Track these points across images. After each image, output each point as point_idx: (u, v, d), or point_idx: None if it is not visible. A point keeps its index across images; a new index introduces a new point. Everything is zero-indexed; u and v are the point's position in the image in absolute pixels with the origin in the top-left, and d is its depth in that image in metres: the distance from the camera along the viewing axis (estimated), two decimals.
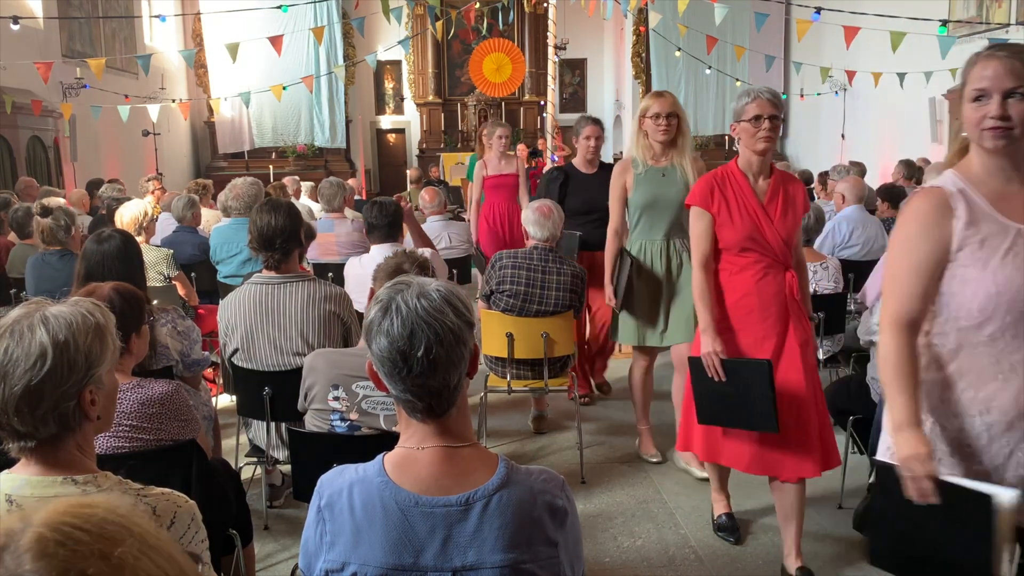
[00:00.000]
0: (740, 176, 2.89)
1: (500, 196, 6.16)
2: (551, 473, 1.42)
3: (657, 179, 3.72)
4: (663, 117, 3.65)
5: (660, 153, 3.72)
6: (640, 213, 3.77)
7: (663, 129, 3.65)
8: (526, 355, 3.93)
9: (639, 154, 3.74)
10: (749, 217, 2.84)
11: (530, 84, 17.37)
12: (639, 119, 3.73)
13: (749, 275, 2.88)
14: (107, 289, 2.41)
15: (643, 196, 3.73)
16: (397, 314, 1.32)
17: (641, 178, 3.73)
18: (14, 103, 8.35)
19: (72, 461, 1.49)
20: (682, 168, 3.71)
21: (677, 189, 3.67)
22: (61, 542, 0.70)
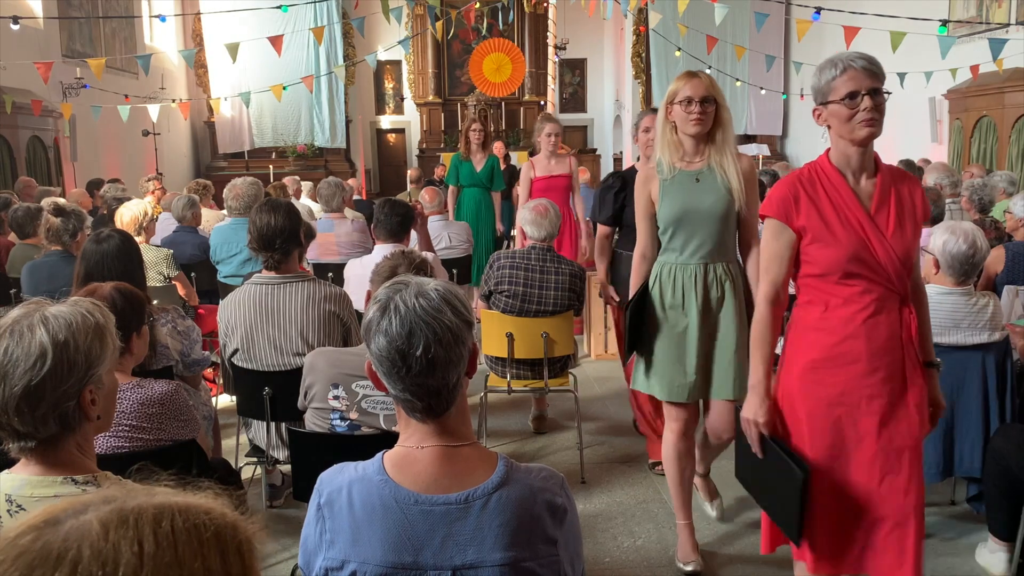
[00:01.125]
0: (835, 176, 2.21)
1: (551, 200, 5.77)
2: (551, 471, 1.42)
3: (689, 185, 2.87)
4: (696, 103, 2.79)
5: (692, 151, 2.90)
6: (670, 229, 2.91)
7: (697, 119, 2.79)
8: (526, 355, 3.93)
9: (665, 154, 2.91)
10: (854, 231, 2.15)
11: (530, 84, 17.36)
12: (665, 108, 2.90)
13: (854, 311, 2.17)
14: (108, 289, 2.41)
15: (672, 208, 2.87)
16: (396, 313, 1.32)
17: (669, 185, 2.89)
18: (14, 103, 8.34)
19: (72, 461, 1.49)
20: (722, 170, 2.86)
21: (716, 197, 2.84)
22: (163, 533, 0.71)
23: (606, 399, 5.03)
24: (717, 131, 2.87)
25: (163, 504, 0.74)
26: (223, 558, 0.73)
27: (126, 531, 0.70)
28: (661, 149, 2.93)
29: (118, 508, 0.72)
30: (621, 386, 5.19)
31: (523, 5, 16.80)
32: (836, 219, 2.17)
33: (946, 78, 8.56)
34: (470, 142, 6.86)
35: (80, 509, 0.72)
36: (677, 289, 2.90)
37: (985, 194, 5.24)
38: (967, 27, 9.26)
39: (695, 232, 2.87)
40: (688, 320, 2.89)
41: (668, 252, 2.95)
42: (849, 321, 2.18)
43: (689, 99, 2.82)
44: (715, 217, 2.85)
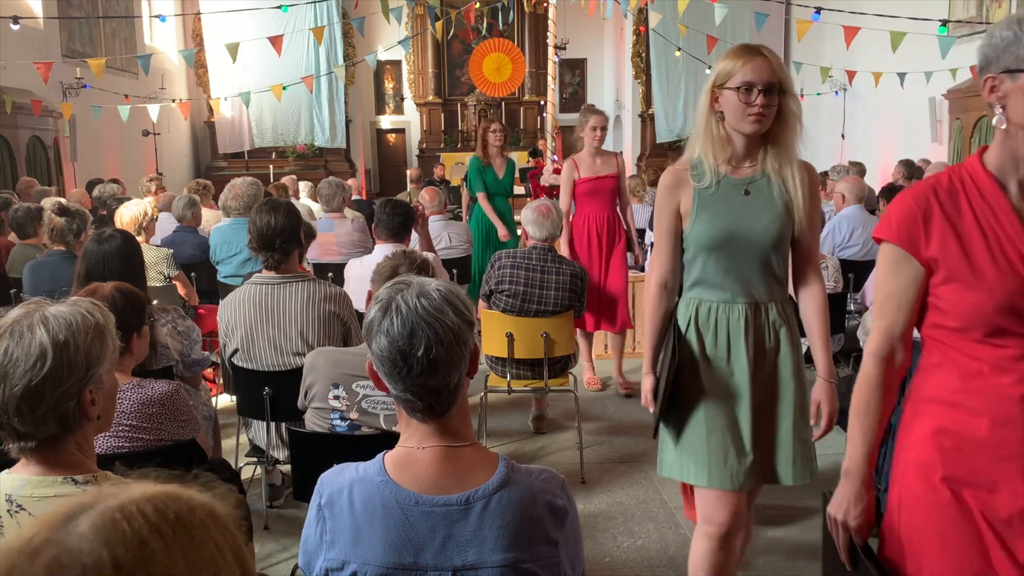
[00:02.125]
0: (990, 187, 1.51)
1: (595, 205, 4.88)
2: (551, 472, 1.42)
3: (736, 198, 2.19)
4: (759, 92, 2.08)
5: (744, 153, 2.20)
6: (704, 256, 2.22)
7: (758, 114, 2.08)
8: (526, 355, 3.93)
9: (708, 154, 2.19)
10: (1011, 269, 1.46)
11: (530, 84, 17.37)
12: (710, 93, 2.17)
13: (1006, 384, 1.47)
14: (109, 289, 2.41)
15: (713, 227, 2.19)
16: (397, 314, 1.32)
17: (709, 196, 2.19)
18: (14, 103, 8.34)
19: (72, 461, 1.49)
20: (780, 180, 2.18)
21: (772, 217, 2.17)
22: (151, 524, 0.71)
23: (606, 399, 5.03)
24: (780, 128, 2.16)
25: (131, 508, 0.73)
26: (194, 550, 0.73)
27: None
28: (703, 146, 2.19)
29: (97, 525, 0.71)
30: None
31: (523, 5, 16.81)
32: (985, 249, 1.49)
33: (946, 78, 8.56)
34: (488, 145, 6.31)
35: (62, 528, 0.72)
36: (720, 336, 2.23)
37: None
38: (967, 27, 9.26)
39: (741, 261, 2.20)
40: (736, 378, 2.22)
41: (703, 286, 2.26)
42: (998, 398, 1.47)
43: (749, 86, 2.08)
44: (768, 243, 2.18)
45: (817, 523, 3.24)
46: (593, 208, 4.88)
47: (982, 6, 9.26)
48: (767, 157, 2.20)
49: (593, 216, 4.89)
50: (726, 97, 2.15)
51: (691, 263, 2.28)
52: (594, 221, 4.89)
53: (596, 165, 4.86)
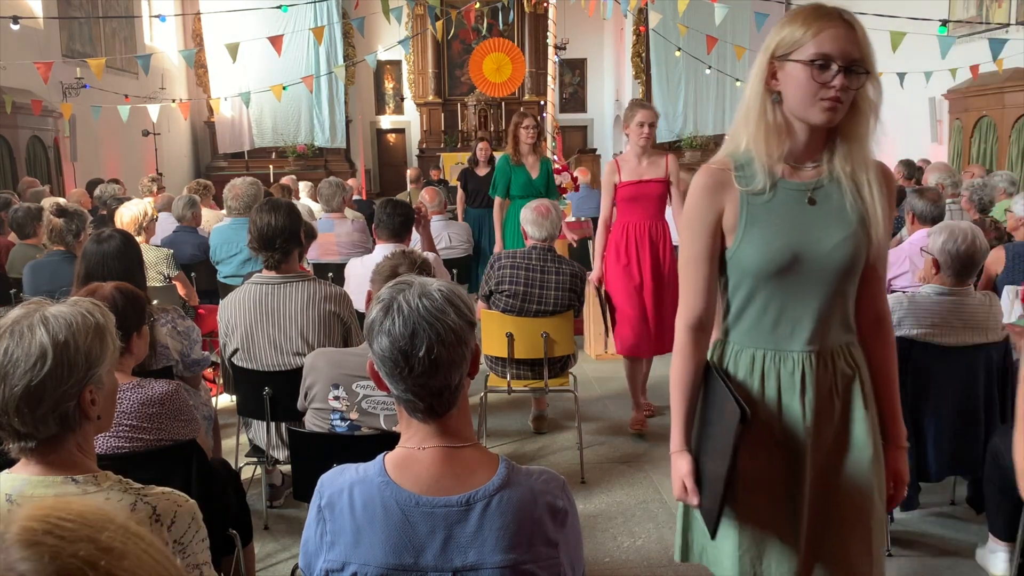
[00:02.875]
0: None
1: (638, 212, 4.30)
2: (551, 474, 1.42)
3: (798, 208, 1.67)
4: (838, 68, 1.56)
5: (806, 150, 1.68)
6: (752, 285, 1.70)
7: (835, 98, 1.57)
8: (526, 355, 3.93)
9: (761, 147, 1.65)
10: None
11: (530, 84, 17.36)
12: (766, 67, 1.64)
13: None
14: (109, 289, 2.41)
15: (766, 246, 1.66)
16: (399, 314, 1.32)
17: (762, 205, 1.67)
18: (14, 103, 8.34)
19: (72, 461, 1.49)
20: (854, 186, 1.67)
21: (844, 233, 1.66)
22: (48, 530, 0.71)
23: (606, 399, 5.03)
24: (853, 120, 1.63)
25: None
26: None
27: None
28: (754, 138, 1.65)
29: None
30: (621, 386, 5.19)
31: (523, 5, 16.81)
32: None
33: (946, 78, 8.56)
34: (519, 142, 5.65)
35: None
36: (769, 394, 1.71)
37: (985, 194, 5.24)
38: (967, 27, 9.26)
39: (802, 292, 1.67)
40: (788, 450, 1.71)
41: (745, 326, 1.73)
42: None
43: (826, 60, 1.55)
44: (840, 267, 1.66)
45: None
46: (636, 216, 4.29)
47: (982, 6, 9.26)
48: (835, 156, 1.67)
49: (635, 225, 4.29)
50: (790, 73, 1.59)
51: (734, 293, 1.73)
52: (634, 231, 4.29)
53: (641, 167, 4.27)
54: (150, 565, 0.74)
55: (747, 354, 1.74)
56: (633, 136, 4.27)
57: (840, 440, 1.73)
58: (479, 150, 7.83)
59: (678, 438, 1.79)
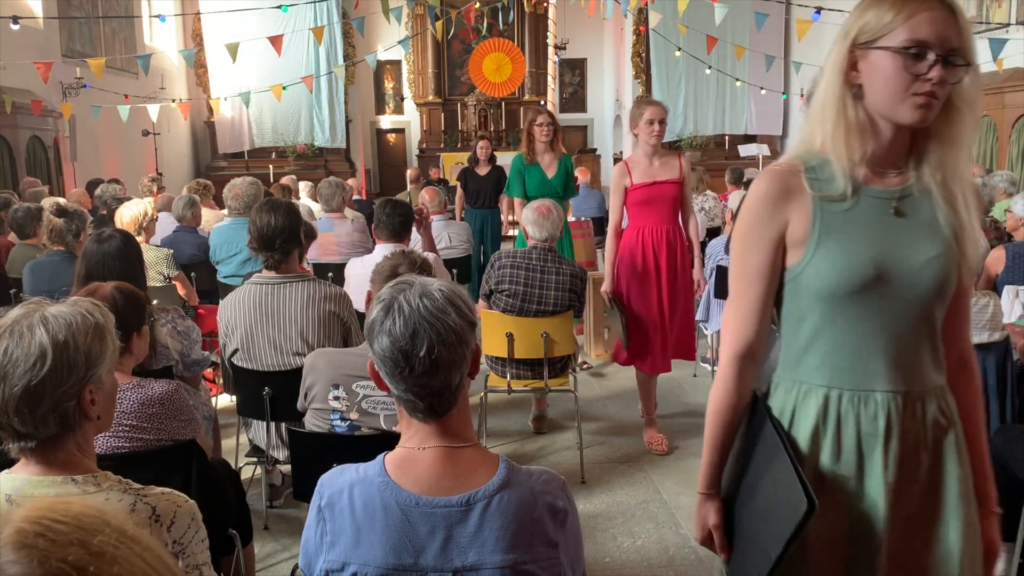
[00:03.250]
0: None
1: (651, 216, 4.08)
2: (552, 474, 1.42)
3: (883, 219, 1.44)
4: (935, 58, 1.33)
5: (888, 151, 1.44)
6: (826, 310, 1.44)
7: (929, 93, 1.34)
8: (526, 355, 3.93)
9: (840, 149, 1.42)
10: None
11: (530, 84, 17.36)
12: (844, 55, 1.41)
13: None
14: (109, 289, 2.41)
15: (846, 262, 1.41)
16: (399, 313, 1.32)
17: (840, 214, 1.43)
18: (14, 103, 8.34)
19: (72, 461, 1.49)
20: (947, 196, 1.43)
21: (936, 249, 1.43)
22: (41, 533, 0.71)
23: (606, 399, 5.03)
24: (948, 120, 1.39)
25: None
26: None
27: None
28: (831, 136, 1.40)
29: None
30: (621, 386, 5.19)
31: (523, 5, 16.81)
32: None
33: None
34: (534, 140, 5.32)
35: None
36: (846, 445, 1.42)
37: (985, 194, 5.24)
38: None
39: (887, 319, 1.41)
40: (867, 509, 1.43)
41: (817, 361, 1.44)
42: None
43: (921, 47, 1.33)
44: (931, 289, 1.41)
45: None
46: (649, 220, 4.06)
47: (982, 6, 9.26)
48: (924, 162, 1.43)
49: (649, 230, 4.07)
50: (876, 63, 1.36)
51: (798, 322, 1.46)
52: (650, 236, 4.06)
53: (653, 168, 4.03)
54: (142, 570, 0.74)
55: (817, 395, 1.44)
56: (642, 135, 4.02)
57: (928, 503, 1.44)
58: (479, 149, 7.70)
59: (708, 479, 1.56)
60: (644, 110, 4.02)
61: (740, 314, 1.49)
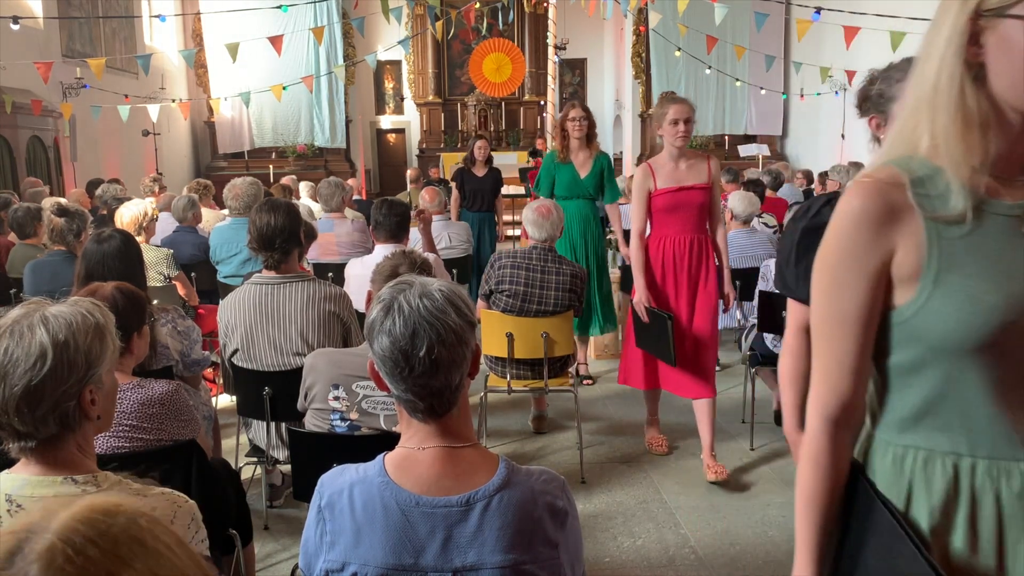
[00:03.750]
0: None
1: (676, 224, 3.74)
2: (552, 474, 1.42)
3: (1014, 241, 1.09)
4: None
5: (1010, 154, 1.10)
6: (950, 364, 1.11)
7: None
8: (526, 355, 3.93)
9: (956, 155, 1.07)
10: None
11: (530, 84, 17.37)
12: (961, 28, 1.06)
13: None
14: (109, 289, 2.41)
15: (976, 305, 1.07)
16: (399, 314, 1.32)
17: (962, 240, 1.09)
18: (14, 103, 8.35)
19: (72, 461, 1.49)
20: None
21: None
22: (71, 558, 0.71)
23: (606, 399, 5.03)
24: None
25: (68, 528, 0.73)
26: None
27: None
28: (947, 136, 1.10)
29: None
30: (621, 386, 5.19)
31: (523, 5, 16.82)
32: None
33: None
34: (567, 136, 5.00)
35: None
36: (984, 529, 1.14)
37: None
38: None
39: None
40: None
41: (939, 425, 1.16)
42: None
43: None
44: None
45: None
46: (674, 228, 3.73)
47: None
48: None
49: (672, 239, 3.74)
50: (1010, 36, 1.04)
51: (912, 373, 1.16)
52: (672, 246, 3.74)
53: (679, 171, 3.70)
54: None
55: (942, 465, 1.15)
56: (668, 136, 3.67)
57: None
58: (477, 149, 7.49)
59: (806, 568, 1.22)
60: (668, 109, 3.67)
61: (833, 369, 1.18)
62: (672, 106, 3.67)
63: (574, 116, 4.95)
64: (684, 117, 3.64)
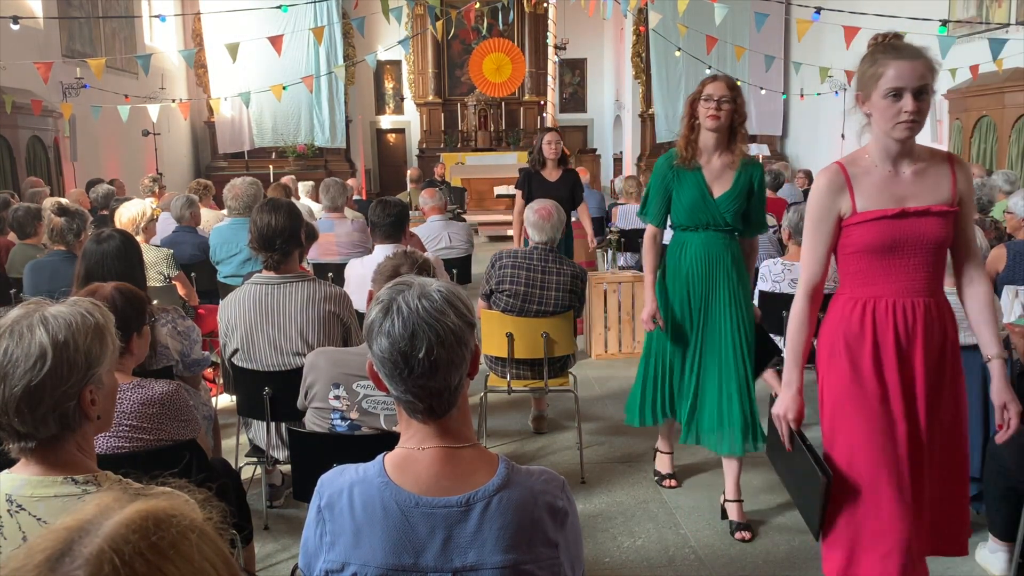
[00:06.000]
0: None
1: (896, 275, 2.16)
2: (551, 474, 1.42)
3: None
4: None
5: None
6: None
7: None
8: (526, 355, 3.93)
9: None
10: None
11: (530, 84, 17.38)
12: None
13: None
14: (109, 289, 2.41)
15: None
16: (398, 315, 1.32)
17: None
18: (14, 103, 8.34)
19: (72, 461, 1.49)
20: None
21: None
22: (117, 568, 0.71)
23: (606, 399, 5.03)
24: None
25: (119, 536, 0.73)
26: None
27: None
28: None
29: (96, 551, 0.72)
30: (621, 386, 5.19)
31: (523, 5, 16.82)
32: None
33: (946, 78, 8.55)
34: (697, 127, 3.21)
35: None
36: None
37: (985, 194, 5.24)
38: (967, 27, 9.26)
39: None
40: None
41: None
42: None
43: None
44: None
45: None
46: (890, 285, 2.17)
47: (982, 6, 9.26)
48: None
49: (888, 304, 2.18)
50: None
51: None
52: (888, 315, 2.18)
53: (902, 183, 2.18)
54: None
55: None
56: (885, 116, 2.12)
57: None
58: (545, 144, 5.53)
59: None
60: (887, 67, 2.11)
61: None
62: (893, 63, 2.08)
63: (713, 93, 3.13)
64: (917, 85, 2.06)
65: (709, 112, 3.13)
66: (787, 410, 2.24)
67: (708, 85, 3.19)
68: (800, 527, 3.32)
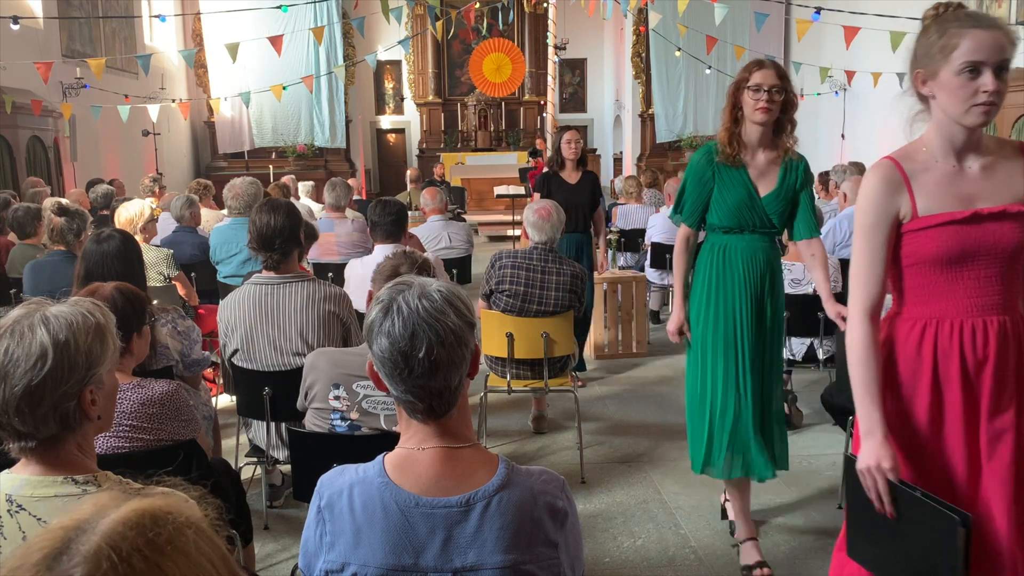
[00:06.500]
0: None
1: (968, 288, 1.82)
2: (551, 474, 1.42)
3: None
4: None
5: None
6: None
7: None
8: (526, 355, 3.93)
9: None
10: None
11: (530, 84, 17.38)
12: None
13: None
14: (109, 289, 2.41)
15: None
16: (398, 315, 1.32)
17: None
18: (14, 103, 8.34)
19: (72, 461, 1.49)
20: None
21: None
22: (115, 565, 0.71)
23: (606, 399, 5.03)
24: None
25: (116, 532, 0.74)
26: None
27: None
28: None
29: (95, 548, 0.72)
30: (621, 386, 5.19)
31: (523, 5, 16.83)
32: None
33: None
34: (741, 120, 2.87)
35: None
36: None
37: None
38: None
39: None
40: None
41: None
42: None
43: None
44: None
45: None
46: (958, 300, 1.85)
47: (982, 6, 9.26)
48: None
49: (953, 324, 1.85)
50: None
51: None
52: (955, 338, 1.84)
53: (967, 180, 1.87)
54: None
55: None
56: (956, 100, 1.81)
57: None
58: (564, 144, 5.29)
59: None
60: (962, 39, 1.76)
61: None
62: (970, 33, 1.75)
63: (763, 82, 2.77)
64: (998, 59, 1.75)
65: (759, 104, 2.76)
66: (879, 459, 1.71)
67: (756, 73, 2.79)
68: (800, 527, 3.32)
